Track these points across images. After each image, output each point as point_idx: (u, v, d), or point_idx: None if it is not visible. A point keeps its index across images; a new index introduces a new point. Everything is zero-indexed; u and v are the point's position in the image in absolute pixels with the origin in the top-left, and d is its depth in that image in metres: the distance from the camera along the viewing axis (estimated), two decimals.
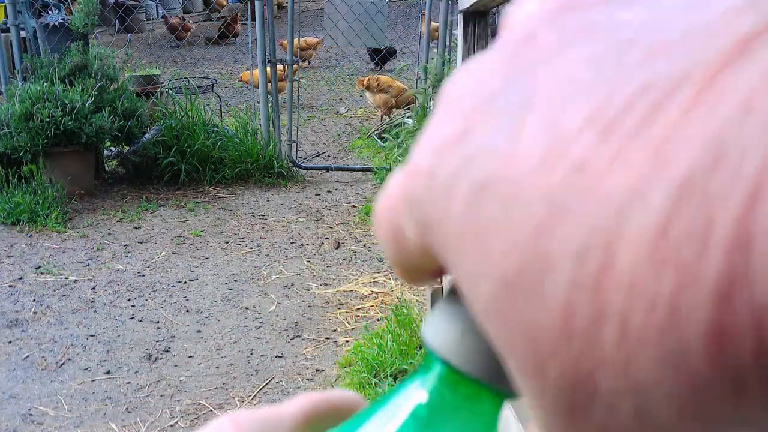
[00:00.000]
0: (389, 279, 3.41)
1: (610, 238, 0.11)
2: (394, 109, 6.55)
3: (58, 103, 4.26)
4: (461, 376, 0.24)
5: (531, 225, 0.12)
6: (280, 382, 2.58)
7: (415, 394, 0.26)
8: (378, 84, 6.41)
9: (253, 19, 5.10)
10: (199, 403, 2.45)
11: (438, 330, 0.23)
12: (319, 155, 5.90)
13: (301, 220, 4.30)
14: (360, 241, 3.94)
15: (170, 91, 5.20)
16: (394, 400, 0.26)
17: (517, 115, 0.13)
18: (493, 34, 6.13)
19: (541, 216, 0.12)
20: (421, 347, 2.71)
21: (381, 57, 8.93)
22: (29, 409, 2.40)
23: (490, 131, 0.13)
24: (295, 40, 4.98)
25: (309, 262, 3.64)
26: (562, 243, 0.12)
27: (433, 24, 10.23)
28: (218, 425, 0.27)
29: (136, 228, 4.12)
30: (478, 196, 0.13)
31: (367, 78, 6.59)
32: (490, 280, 0.13)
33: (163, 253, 3.75)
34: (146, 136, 4.85)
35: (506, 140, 0.13)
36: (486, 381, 0.23)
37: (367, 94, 6.59)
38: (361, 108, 7.47)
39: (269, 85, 5.13)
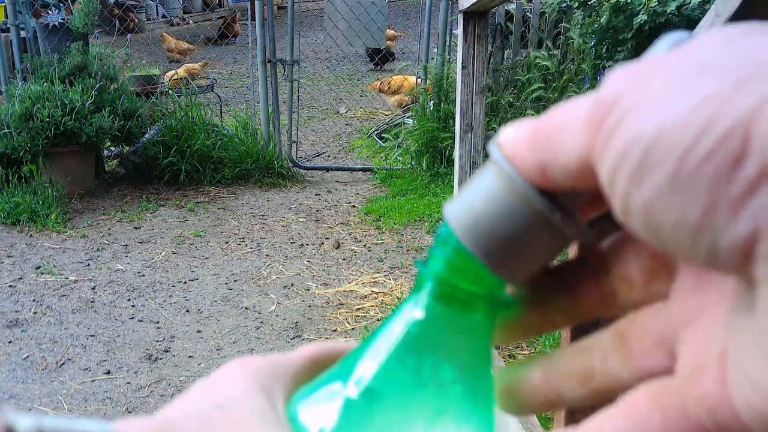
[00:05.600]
0: (389, 279, 3.41)
1: None
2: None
3: (58, 103, 4.26)
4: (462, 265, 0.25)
5: None
6: None
7: (410, 313, 0.27)
8: (390, 86, 6.48)
9: (253, 19, 5.10)
10: None
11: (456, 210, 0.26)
12: (319, 155, 5.90)
13: (301, 220, 4.30)
14: (360, 241, 3.93)
15: (170, 91, 5.20)
16: (391, 323, 0.27)
17: None
18: (493, 33, 6.11)
19: None
20: None
21: (381, 57, 8.93)
22: (29, 409, 2.40)
23: None
24: (174, 41, 4.85)
25: (309, 262, 3.64)
26: None
27: (391, 32, 10.37)
28: (228, 368, 0.29)
29: (136, 228, 4.12)
30: None
31: (379, 82, 6.66)
32: None
33: (163, 253, 3.75)
34: (146, 136, 4.85)
35: None
36: (485, 261, 0.25)
37: (384, 97, 6.67)
38: (361, 108, 7.47)
39: (269, 84, 5.13)
